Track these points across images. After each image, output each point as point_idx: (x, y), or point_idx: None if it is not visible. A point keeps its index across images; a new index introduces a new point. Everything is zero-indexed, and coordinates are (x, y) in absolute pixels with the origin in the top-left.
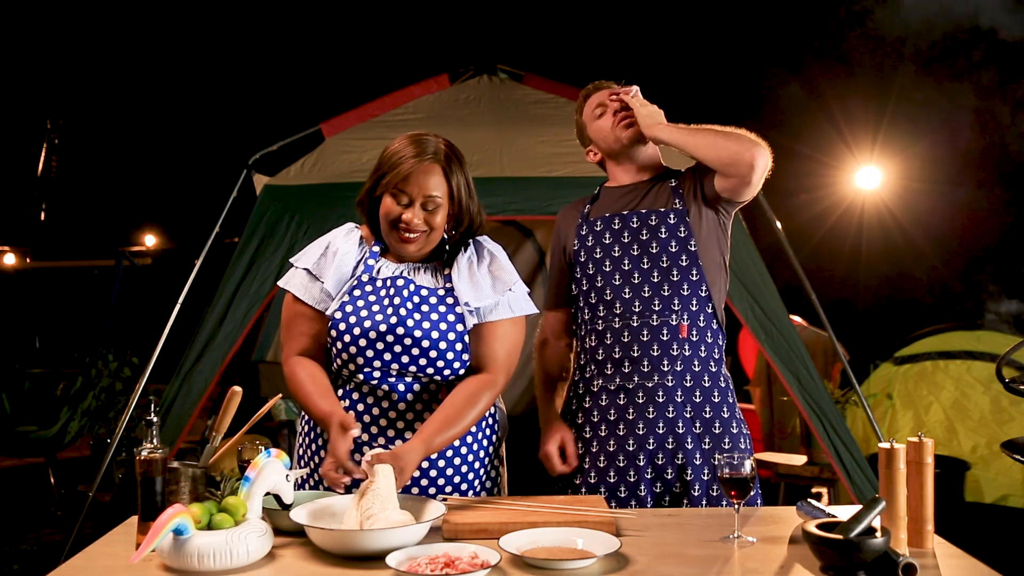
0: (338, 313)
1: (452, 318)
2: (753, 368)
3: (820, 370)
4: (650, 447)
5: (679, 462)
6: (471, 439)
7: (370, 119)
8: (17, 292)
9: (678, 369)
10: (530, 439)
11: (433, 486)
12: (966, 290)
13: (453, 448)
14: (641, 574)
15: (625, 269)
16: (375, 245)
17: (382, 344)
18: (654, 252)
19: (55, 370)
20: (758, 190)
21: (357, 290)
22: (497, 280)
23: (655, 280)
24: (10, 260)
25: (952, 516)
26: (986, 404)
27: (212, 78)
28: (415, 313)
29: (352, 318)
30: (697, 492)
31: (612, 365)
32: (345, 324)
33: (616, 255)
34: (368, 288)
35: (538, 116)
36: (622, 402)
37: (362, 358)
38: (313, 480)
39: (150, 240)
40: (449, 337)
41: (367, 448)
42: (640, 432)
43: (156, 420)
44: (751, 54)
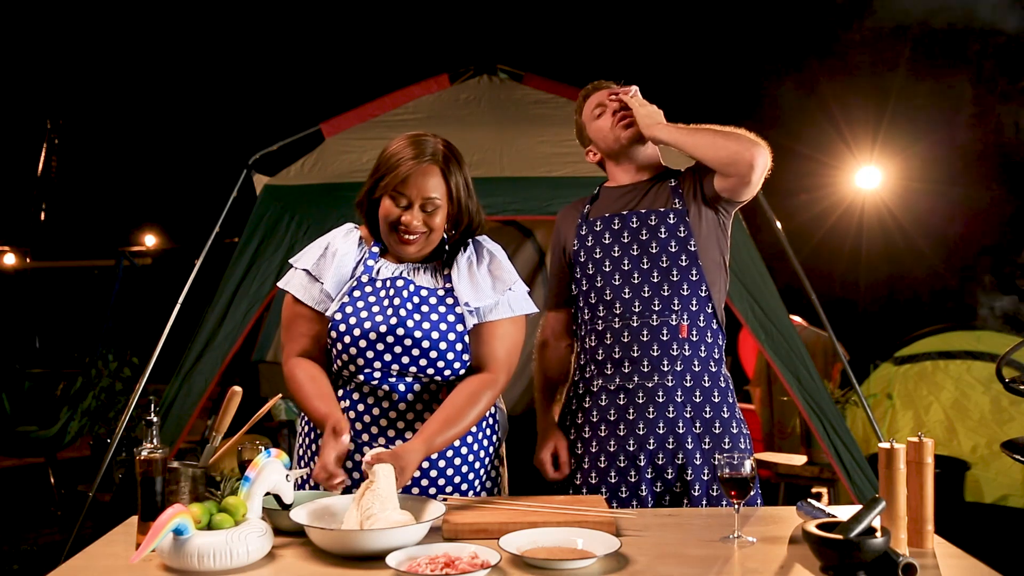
0: (338, 314)
1: (452, 318)
2: (753, 368)
3: (820, 370)
4: (650, 447)
5: (679, 462)
6: (471, 439)
7: (370, 119)
8: (17, 292)
9: (678, 369)
10: (530, 439)
11: (433, 486)
12: (966, 290)
13: (453, 448)
14: (641, 574)
15: (625, 269)
16: (374, 246)
17: (382, 345)
18: (654, 252)
19: (55, 370)
20: (758, 190)
21: (357, 291)
22: (497, 280)
23: (655, 280)
24: (10, 260)
25: (952, 516)
26: (986, 404)
27: (212, 78)
28: (415, 313)
29: (352, 319)
30: (697, 492)
31: (612, 365)
32: (345, 325)
33: (616, 255)
34: (368, 289)
35: (538, 116)
36: (622, 402)
37: (362, 359)
38: (313, 480)
39: (150, 240)
40: (449, 337)
41: (367, 448)
42: (640, 432)
43: (156, 420)
44: (751, 54)
